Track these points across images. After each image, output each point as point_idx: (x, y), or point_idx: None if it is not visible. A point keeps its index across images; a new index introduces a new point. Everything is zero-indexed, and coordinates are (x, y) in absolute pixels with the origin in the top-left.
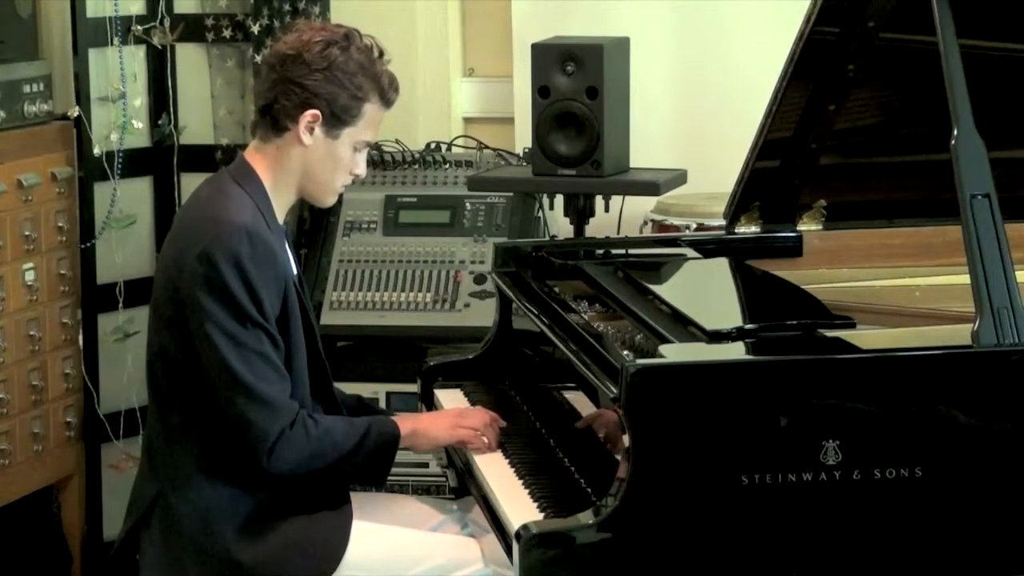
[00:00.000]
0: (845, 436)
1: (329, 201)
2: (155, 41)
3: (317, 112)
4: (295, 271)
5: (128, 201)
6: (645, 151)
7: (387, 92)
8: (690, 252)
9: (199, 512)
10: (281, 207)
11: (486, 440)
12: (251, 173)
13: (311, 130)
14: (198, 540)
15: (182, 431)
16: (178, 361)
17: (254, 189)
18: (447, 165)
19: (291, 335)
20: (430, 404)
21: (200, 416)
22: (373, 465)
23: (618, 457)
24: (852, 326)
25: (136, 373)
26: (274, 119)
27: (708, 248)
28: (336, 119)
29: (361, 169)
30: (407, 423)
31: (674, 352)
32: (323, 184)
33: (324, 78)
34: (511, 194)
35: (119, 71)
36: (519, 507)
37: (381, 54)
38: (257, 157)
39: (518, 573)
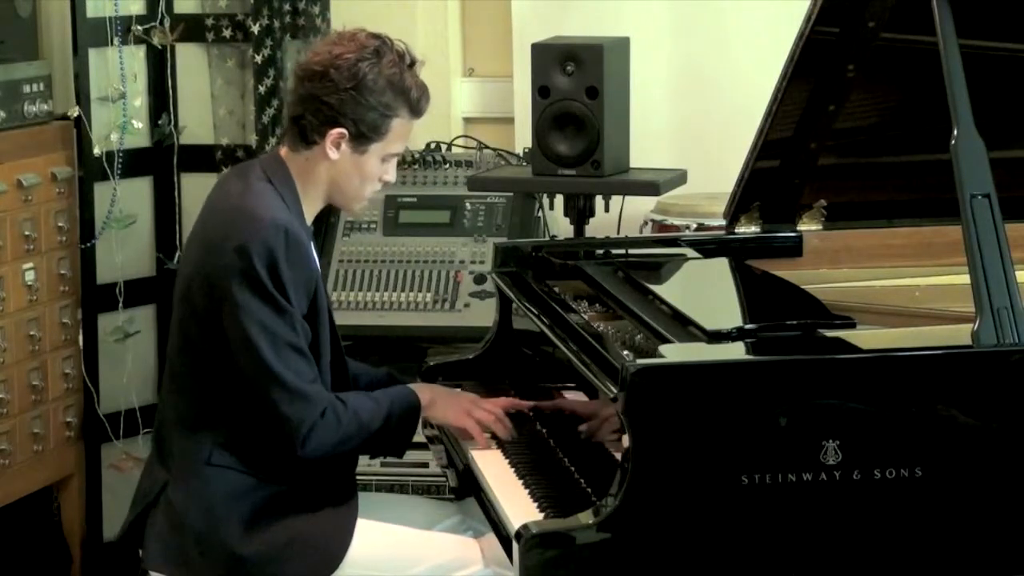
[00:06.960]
0: (845, 436)
1: (356, 208)
2: (155, 41)
3: (343, 131)
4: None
5: (128, 201)
6: (645, 151)
7: (417, 105)
8: (690, 252)
9: (205, 503)
10: (310, 211)
11: (486, 437)
12: (286, 173)
13: (338, 146)
14: (203, 531)
15: (198, 422)
16: (204, 351)
17: (286, 189)
18: (447, 165)
19: (319, 333)
20: None
21: (218, 407)
22: (397, 437)
23: (618, 457)
24: (852, 326)
25: (136, 373)
26: (302, 132)
27: (708, 248)
28: (363, 136)
29: (391, 176)
30: (425, 393)
31: (674, 352)
32: (351, 194)
33: (351, 97)
34: (511, 194)
35: (119, 71)
36: (519, 507)
37: (412, 63)
38: (289, 159)
39: (518, 573)
